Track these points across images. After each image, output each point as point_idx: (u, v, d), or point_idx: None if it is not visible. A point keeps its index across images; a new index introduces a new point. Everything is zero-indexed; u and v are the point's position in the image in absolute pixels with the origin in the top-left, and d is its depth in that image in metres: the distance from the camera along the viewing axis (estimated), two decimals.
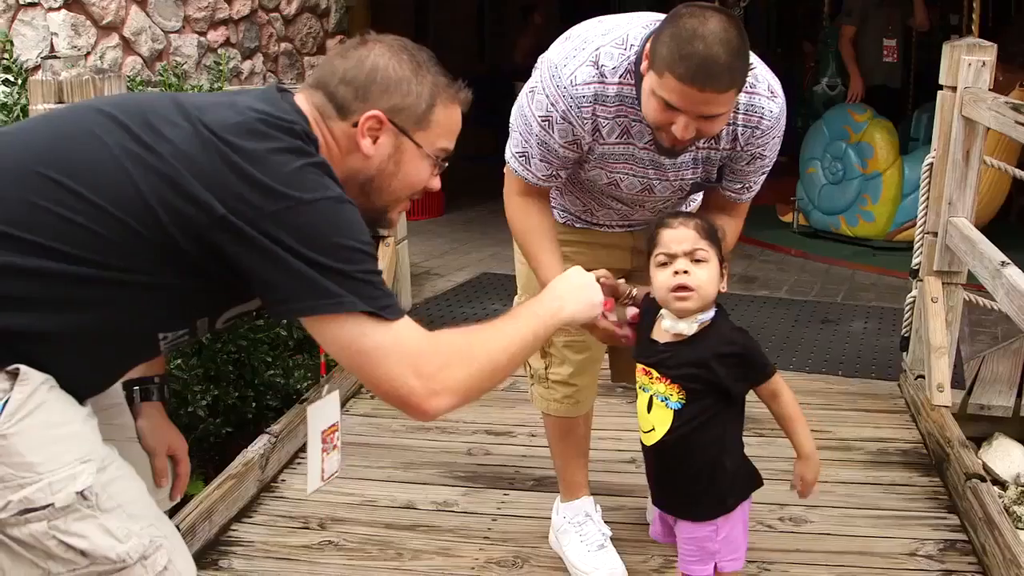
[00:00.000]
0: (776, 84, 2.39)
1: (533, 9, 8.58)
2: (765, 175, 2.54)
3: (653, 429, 2.23)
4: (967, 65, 3.78)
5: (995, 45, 3.97)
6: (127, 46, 5.26)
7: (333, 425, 2.50)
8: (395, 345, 1.61)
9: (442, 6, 10.03)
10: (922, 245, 4.12)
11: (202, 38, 5.88)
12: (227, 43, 6.12)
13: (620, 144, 2.40)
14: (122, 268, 1.57)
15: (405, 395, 1.63)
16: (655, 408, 2.21)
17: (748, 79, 2.26)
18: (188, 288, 1.64)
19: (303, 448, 3.62)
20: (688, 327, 2.15)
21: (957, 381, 4.34)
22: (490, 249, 6.79)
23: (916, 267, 4.19)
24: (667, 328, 2.18)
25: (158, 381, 2.09)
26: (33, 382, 1.55)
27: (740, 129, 2.36)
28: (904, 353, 4.37)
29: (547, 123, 2.38)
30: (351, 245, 1.59)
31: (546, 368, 2.88)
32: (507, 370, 1.78)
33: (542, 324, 1.88)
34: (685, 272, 2.12)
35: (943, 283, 4.00)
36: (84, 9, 4.94)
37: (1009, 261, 3.22)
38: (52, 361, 1.59)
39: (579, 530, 2.92)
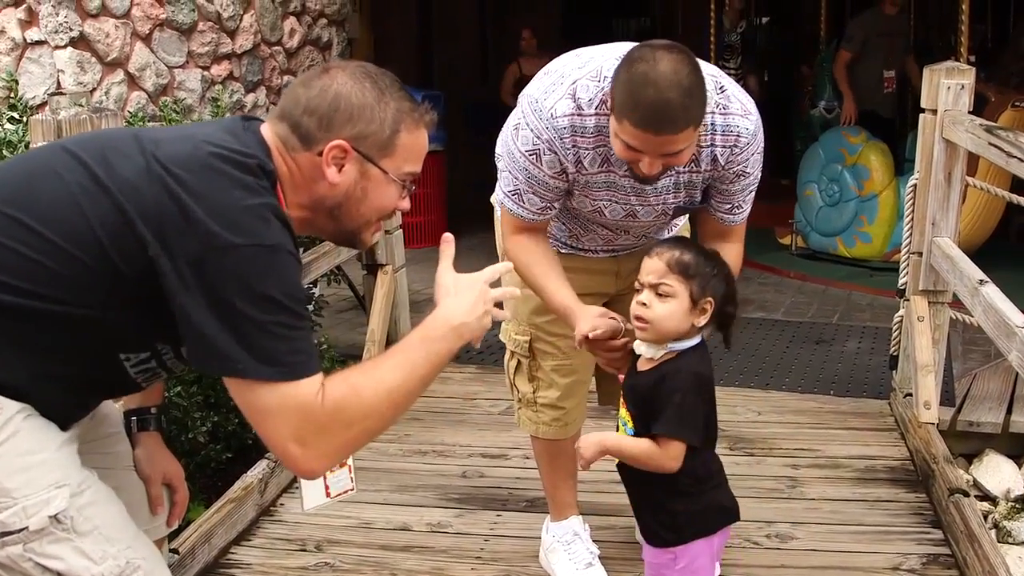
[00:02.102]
0: (749, 103, 2.47)
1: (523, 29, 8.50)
2: (752, 194, 2.60)
3: None
4: (946, 88, 3.86)
5: (973, 69, 4.05)
6: (132, 81, 5.38)
7: None
8: (280, 410, 1.63)
9: (445, 35, 10.16)
10: (908, 265, 4.19)
11: (205, 72, 6.01)
12: (230, 77, 6.25)
13: (601, 173, 2.48)
14: (78, 304, 1.65)
15: (287, 457, 1.67)
16: (620, 433, 2.32)
17: (720, 100, 2.37)
18: (140, 316, 1.70)
19: None
20: (649, 350, 2.23)
21: (947, 398, 4.41)
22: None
23: (903, 287, 4.26)
24: (638, 351, 2.27)
25: (155, 411, 2.17)
26: (7, 412, 1.64)
27: (719, 150, 2.44)
28: (893, 372, 4.44)
29: (534, 156, 2.46)
30: (271, 296, 1.61)
31: (534, 392, 2.96)
32: (389, 422, 1.78)
33: (431, 352, 1.78)
34: (644, 304, 2.20)
35: (929, 302, 4.07)
36: (89, 46, 5.06)
37: (987, 279, 3.28)
38: (24, 389, 1.67)
39: (568, 548, 2.99)
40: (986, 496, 4.28)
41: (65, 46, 4.93)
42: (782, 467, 3.80)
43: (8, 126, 3.82)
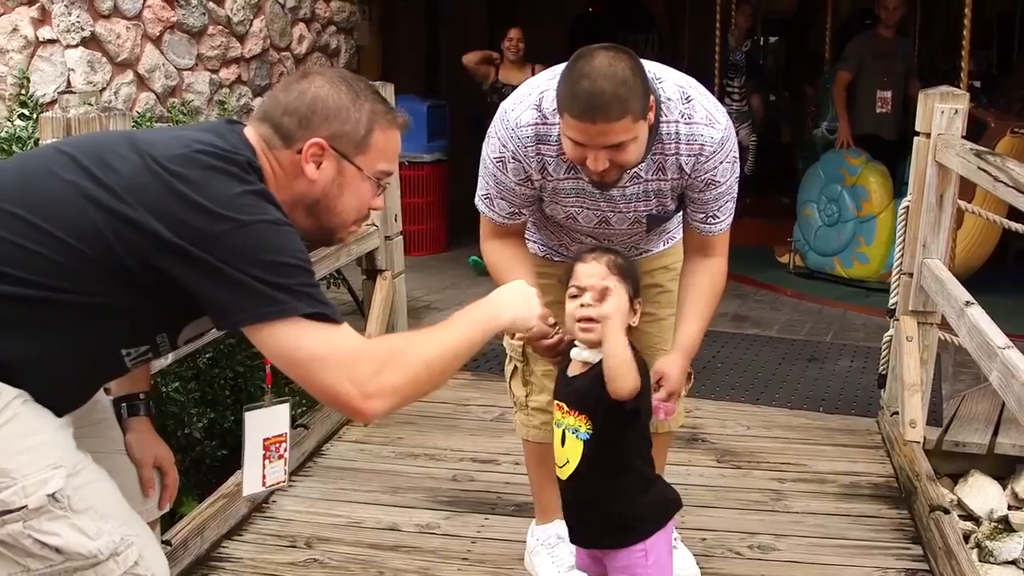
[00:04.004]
0: (717, 112, 2.55)
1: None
2: (729, 204, 2.66)
3: (567, 462, 2.35)
4: (940, 112, 3.92)
5: (967, 94, 4.12)
6: (141, 82, 5.46)
7: (280, 435, 2.66)
8: (332, 352, 1.72)
9: (453, 43, 10.22)
10: (899, 285, 4.25)
11: (214, 75, 6.08)
12: (239, 80, 6.33)
13: (569, 180, 2.58)
14: (80, 292, 1.73)
15: (343, 400, 1.74)
16: (568, 441, 2.34)
17: (685, 110, 2.48)
18: (142, 308, 1.79)
19: (295, 471, 3.79)
20: (592, 356, 2.30)
21: (935, 418, 4.47)
22: (490, 286, 6.87)
23: (893, 307, 4.32)
24: (574, 356, 2.35)
25: (143, 397, 2.24)
26: (6, 396, 1.71)
27: (684, 159, 2.53)
28: (882, 390, 4.50)
29: (501, 163, 2.59)
30: (287, 261, 1.72)
31: (527, 396, 3.03)
32: (443, 375, 1.88)
33: (480, 330, 1.96)
34: (590, 305, 2.27)
35: (918, 323, 4.13)
36: (100, 46, 5.14)
37: (974, 301, 3.34)
38: (25, 378, 1.74)
39: (551, 552, 3.04)
40: (970, 516, 4.34)
41: (76, 45, 5.00)
42: (768, 480, 3.85)
43: (19, 123, 3.89)
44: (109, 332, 1.81)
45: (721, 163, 2.55)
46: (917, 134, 4.13)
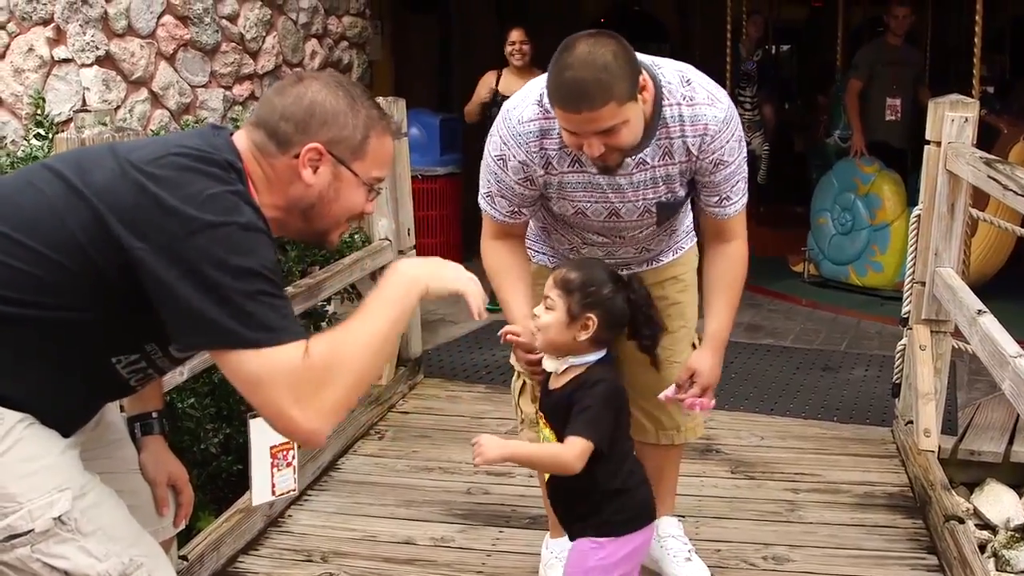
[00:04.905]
0: (718, 92, 2.59)
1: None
2: (740, 184, 2.69)
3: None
4: (950, 121, 3.92)
5: (977, 102, 4.12)
6: (155, 100, 5.49)
7: (287, 443, 2.68)
8: (274, 375, 1.68)
9: (465, 59, 10.26)
10: (911, 294, 4.25)
11: (227, 92, 6.12)
12: (252, 97, 6.36)
13: (574, 173, 2.60)
14: (64, 306, 1.74)
15: (289, 423, 1.72)
16: None
17: (686, 92, 2.51)
18: (127, 316, 1.78)
19: (311, 485, 3.81)
20: (550, 364, 2.41)
21: (950, 427, 4.46)
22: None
23: (906, 315, 4.32)
24: (544, 366, 2.45)
25: (156, 416, 2.25)
26: (10, 421, 1.73)
27: (690, 140, 2.55)
28: (896, 399, 4.49)
29: (501, 161, 2.62)
30: (251, 267, 1.69)
31: (536, 412, 3.03)
32: (377, 366, 1.87)
33: (396, 308, 1.86)
34: (536, 315, 2.39)
35: (931, 331, 4.12)
36: (115, 65, 5.18)
37: (986, 309, 3.33)
38: (25, 399, 1.76)
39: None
40: (986, 525, 4.33)
41: (91, 64, 5.04)
42: (782, 491, 3.85)
43: (34, 142, 3.92)
44: (97, 342, 1.81)
45: (727, 142, 2.58)
46: (928, 142, 4.13)
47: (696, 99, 2.53)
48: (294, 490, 2.72)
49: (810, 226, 7.55)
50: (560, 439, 2.35)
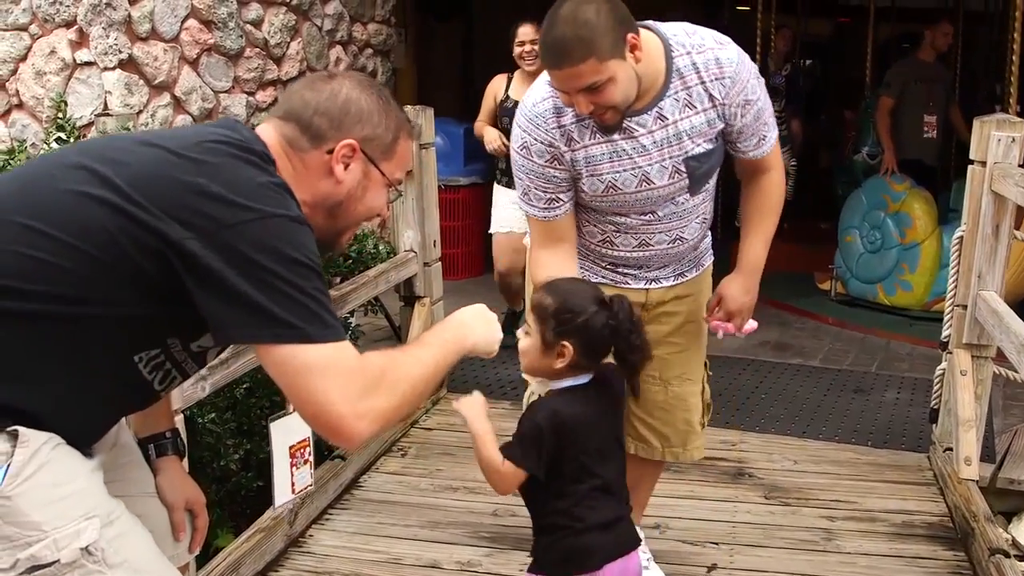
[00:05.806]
0: (721, 36, 2.63)
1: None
2: (770, 117, 2.72)
3: None
4: (996, 141, 3.81)
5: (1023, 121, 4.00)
6: (178, 105, 5.43)
7: (303, 440, 2.62)
8: (327, 369, 1.64)
9: (488, 68, 10.19)
10: (952, 318, 4.13)
11: (251, 98, 6.05)
12: (275, 103, 6.29)
13: (597, 144, 2.59)
14: (87, 298, 1.64)
15: (333, 420, 1.65)
16: None
17: (692, 42, 2.56)
18: (155, 308, 1.69)
19: (332, 504, 3.71)
20: (538, 387, 2.40)
21: (987, 454, 4.33)
22: None
23: (946, 339, 4.19)
24: (531, 388, 2.47)
25: (170, 436, 2.16)
26: (35, 443, 1.62)
27: (710, 85, 2.57)
28: (933, 425, 4.36)
29: (525, 150, 2.62)
30: (305, 262, 1.65)
31: None
32: (422, 397, 1.83)
33: (453, 351, 1.91)
34: (519, 338, 2.32)
35: (972, 356, 4.01)
36: (138, 69, 5.11)
37: None
38: (45, 412, 1.65)
39: None
40: None
41: (114, 68, 4.97)
42: (817, 518, 3.73)
43: (55, 145, 3.85)
44: (119, 338, 1.72)
45: (749, 80, 2.60)
46: (971, 162, 4.01)
47: (705, 45, 2.57)
48: (311, 485, 2.67)
49: (837, 243, 7.43)
50: None
